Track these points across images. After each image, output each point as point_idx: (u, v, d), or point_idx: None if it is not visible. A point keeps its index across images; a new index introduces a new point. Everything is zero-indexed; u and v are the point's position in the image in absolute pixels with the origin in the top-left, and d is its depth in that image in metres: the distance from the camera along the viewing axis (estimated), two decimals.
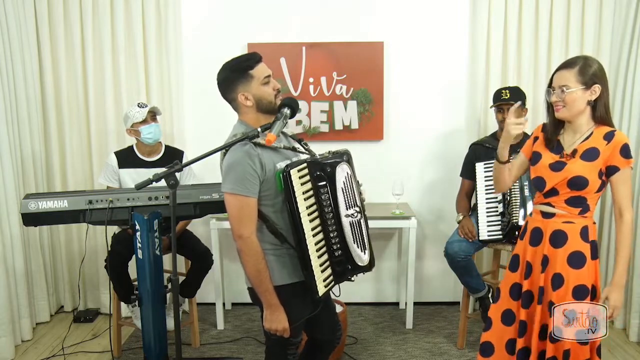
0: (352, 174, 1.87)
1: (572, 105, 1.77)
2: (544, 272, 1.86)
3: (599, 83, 1.75)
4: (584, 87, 1.75)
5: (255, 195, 1.71)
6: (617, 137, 1.75)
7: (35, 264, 3.20)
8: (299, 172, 1.71)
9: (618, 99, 3.04)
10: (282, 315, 1.77)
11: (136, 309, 2.87)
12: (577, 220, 1.82)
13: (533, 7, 3.15)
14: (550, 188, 1.84)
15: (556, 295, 1.81)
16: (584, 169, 1.77)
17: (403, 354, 2.89)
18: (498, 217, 2.73)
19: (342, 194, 1.81)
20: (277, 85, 1.83)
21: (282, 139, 1.87)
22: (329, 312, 2.06)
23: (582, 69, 1.75)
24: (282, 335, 1.79)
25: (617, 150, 1.74)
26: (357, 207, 1.86)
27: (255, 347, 2.97)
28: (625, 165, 1.75)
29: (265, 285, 1.74)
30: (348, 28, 3.28)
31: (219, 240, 3.12)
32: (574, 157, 1.80)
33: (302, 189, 1.71)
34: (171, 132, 3.28)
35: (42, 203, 2.35)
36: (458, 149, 3.26)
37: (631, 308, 2.95)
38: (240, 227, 1.70)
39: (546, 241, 1.86)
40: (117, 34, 3.19)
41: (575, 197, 1.81)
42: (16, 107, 3.03)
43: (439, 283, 3.53)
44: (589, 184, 1.77)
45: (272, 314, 1.77)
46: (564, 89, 1.76)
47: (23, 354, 2.93)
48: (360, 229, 1.87)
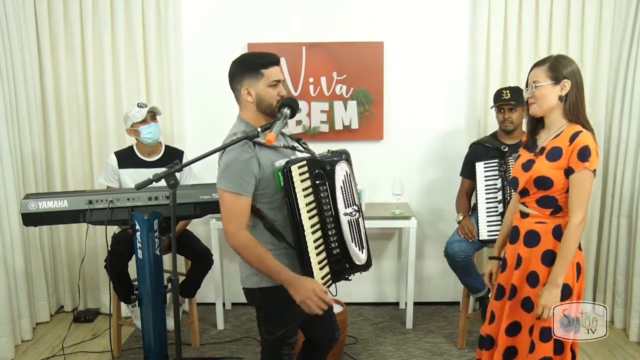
0: (350, 173, 1.88)
1: (541, 100, 1.79)
2: (517, 269, 1.89)
3: (568, 78, 1.76)
4: (553, 82, 1.77)
5: (248, 194, 1.71)
6: (580, 138, 1.73)
7: (35, 264, 3.20)
8: (299, 169, 1.71)
9: (618, 99, 3.04)
10: (306, 283, 1.67)
11: (136, 309, 2.86)
12: (549, 220, 1.83)
13: (533, 7, 3.15)
14: (522, 188, 1.86)
15: (534, 292, 1.83)
16: (548, 169, 1.77)
17: (403, 354, 2.89)
18: (498, 217, 2.73)
19: (341, 192, 1.80)
20: (284, 92, 1.83)
21: (280, 139, 1.88)
22: (326, 313, 2.05)
23: (551, 65, 1.78)
24: (323, 305, 1.66)
25: (575, 152, 1.72)
26: (356, 205, 1.86)
27: (255, 347, 2.97)
28: (580, 168, 1.72)
29: (272, 267, 1.70)
30: (348, 28, 3.28)
31: (219, 240, 3.12)
32: (542, 154, 1.81)
33: (302, 186, 1.71)
34: (171, 132, 3.28)
35: (42, 203, 2.35)
36: (458, 149, 3.26)
37: (631, 308, 2.94)
38: (229, 224, 1.72)
39: (521, 241, 1.89)
40: (117, 34, 3.19)
41: (545, 197, 1.81)
42: (16, 107, 3.03)
43: (439, 283, 3.53)
44: (554, 183, 1.77)
45: (296, 287, 1.67)
46: (534, 84, 1.79)
47: (23, 354, 2.93)
48: (358, 227, 1.87)
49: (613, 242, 3.09)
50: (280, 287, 1.76)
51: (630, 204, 3.00)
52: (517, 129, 2.84)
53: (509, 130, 2.82)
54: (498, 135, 2.91)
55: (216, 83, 3.27)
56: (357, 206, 1.87)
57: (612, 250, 3.10)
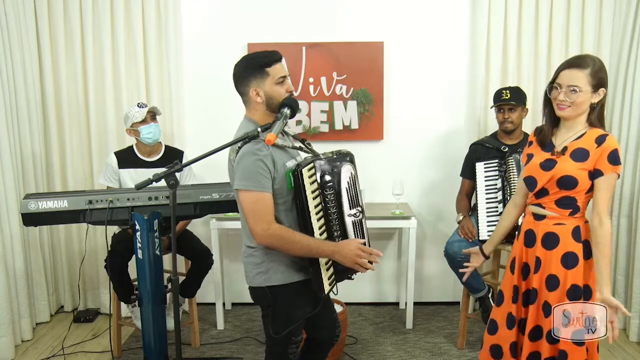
0: (355, 175, 1.88)
1: (579, 106, 1.75)
2: (537, 273, 1.86)
3: (605, 87, 1.75)
4: (592, 90, 1.74)
5: (268, 190, 1.72)
6: (608, 141, 1.72)
7: (35, 264, 3.20)
8: (309, 171, 1.73)
9: (618, 99, 3.04)
10: (349, 246, 1.73)
11: (136, 309, 2.87)
12: (568, 221, 1.81)
13: (533, 7, 3.15)
14: (540, 188, 1.83)
15: (552, 296, 1.81)
16: (574, 169, 1.75)
17: (403, 354, 2.89)
18: (498, 217, 2.72)
19: (347, 193, 1.81)
20: (291, 87, 1.85)
21: (286, 139, 1.89)
22: (329, 310, 2.07)
23: (594, 71, 1.72)
24: (373, 258, 1.75)
25: (605, 155, 1.71)
26: (360, 207, 1.87)
27: (255, 347, 2.97)
28: (610, 171, 1.71)
29: (313, 246, 1.72)
30: (348, 28, 3.28)
31: (219, 240, 3.12)
32: (563, 154, 1.79)
33: (311, 188, 1.73)
34: (171, 132, 3.28)
35: (42, 203, 2.35)
36: (458, 149, 3.26)
37: (631, 308, 2.94)
38: (256, 224, 1.71)
39: (538, 243, 1.86)
40: (117, 34, 3.18)
41: (565, 198, 1.79)
42: (16, 107, 3.03)
43: (439, 283, 3.53)
44: (579, 183, 1.75)
45: (342, 254, 1.72)
46: (575, 89, 1.72)
47: (23, 354, 2.93)
48: (362, 228, 1.88)
49: (613, 242, 3.09)
50: (288, 286, 1.80)
51: (630, 204, 3.00)
52: (517, 129, 2.84)
53: (509, 131, 2.82)
54: (498, 135, 2.92)
55: (216, 83, 3.30)
56: (360, 207, 1.88)
57: (612, 250, 3.10)
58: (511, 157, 2.73)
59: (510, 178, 2.69)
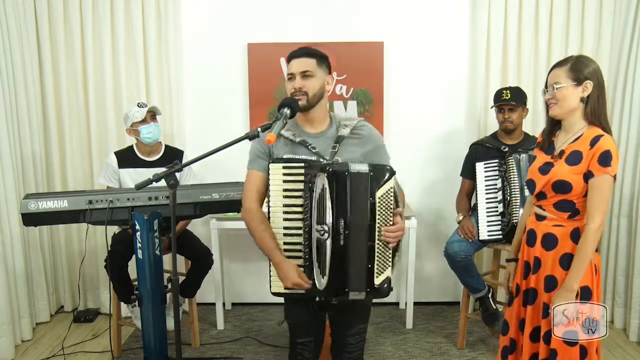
0: (329, 189, 1.66)
1: (563, 101, 1.76)
2: (535, 273, 1.87)
3: (590, 79, 1.74)
4: (575, 84, 1.74)
5: (258, 169, 1.88)
6: (601, 142, 1.70)
7: (35, 264, 3.20)
8: (284, 169, 1.80)
9: (618, 99, 3.04)
10: (286, 270, 1.78)
11: (136, 309, 2.86)
12: (567, 223, 1.80)
13: (533, 7, 3.15)
14: (539, 191, 1.84)
15: (548, 297, 1.81)
16: (568, 173, 1.75)
17: (403, 354, 2.89)
18: (498, 217, 2.73)
19: (316, 206, 1.74)
20: (294, 88, 1.86)
21: (297, 136, 1.89)
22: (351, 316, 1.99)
23: (573, 65, 1.75)
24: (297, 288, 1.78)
25: (596, 156, 1.70)
26: (326, 226, 1.67)
27: (255, 347, 2.97)
28: (600, 173, 1.69)
29: (266, 246, 1.82)
30: (348, 28, 3.28)
31: (219, 240, 3.12)
32: (560, 158, 1.79)
33: (282, 186, 1.80)
34: (171, 132, 3.28)
35: (42, 203, 2.35)
36: (458, 149, 3.25)
37: (631, 308, 2.95)
38: (245, 198, 1.90)
39: (538, 243, 1.86)
40: (117, 34, 3.18)
41: (563, 201, 1.79)
42: (16, 107, 3.03)
43: (439, 283, 3.53)
44: (573, 188, 1.74)
45: (282, 270, 1.80)
46: (555, 85, 1.76)
47: (23, 354, 2.93)
48: (324, 251, 1.70)
49: (613, 242, 3.09)
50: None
51: (630, 204, 3.00)
52: (517, 129, 2.84)
53: (509, 131, 2.82)
54: (498, 135, 2.91)
55: (216, 83, 3.31)
56: (327, 227, 1.67)
57: (612, 250, 3.10)
58: (511, 157, 2.73)
59: (510, 178, 2.69)
